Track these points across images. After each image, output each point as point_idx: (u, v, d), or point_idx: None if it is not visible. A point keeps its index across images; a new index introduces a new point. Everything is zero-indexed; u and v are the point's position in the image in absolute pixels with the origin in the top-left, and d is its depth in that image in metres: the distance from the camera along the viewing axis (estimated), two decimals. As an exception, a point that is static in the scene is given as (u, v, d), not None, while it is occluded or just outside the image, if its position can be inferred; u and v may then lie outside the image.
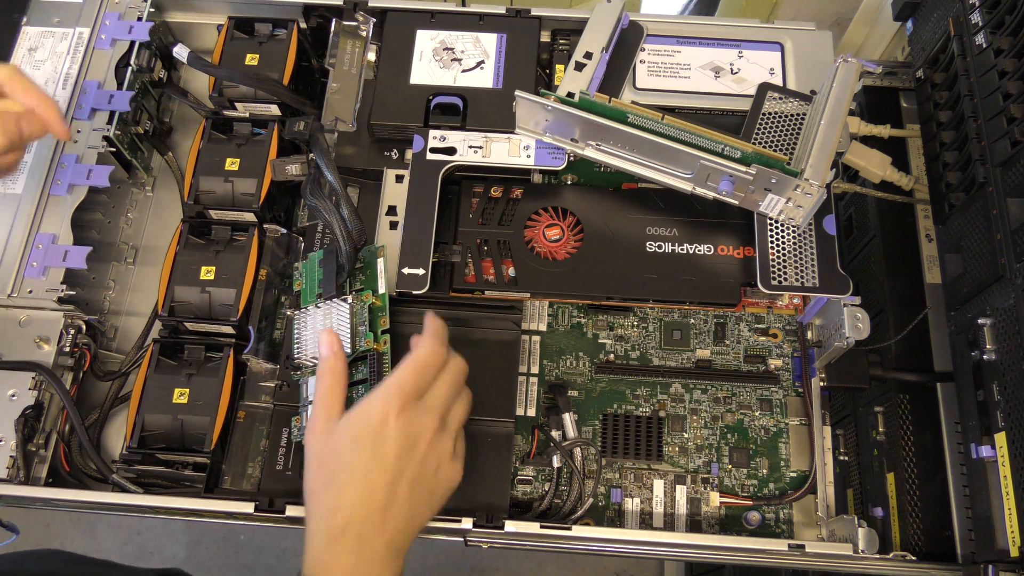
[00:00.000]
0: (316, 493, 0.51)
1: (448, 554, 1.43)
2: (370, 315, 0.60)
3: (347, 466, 0.51)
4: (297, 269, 0.64)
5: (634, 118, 0.60)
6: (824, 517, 0.62)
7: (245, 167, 0.67)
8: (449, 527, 0.58)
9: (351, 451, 0.51)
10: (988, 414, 0.54)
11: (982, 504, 0.54)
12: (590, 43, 0.65)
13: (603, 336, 0.69)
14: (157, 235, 0.75)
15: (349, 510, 0.49)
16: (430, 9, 0.71)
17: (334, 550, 0.49)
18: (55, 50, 0.72)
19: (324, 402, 0.53)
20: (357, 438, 0.51)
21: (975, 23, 0.61)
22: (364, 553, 0.49)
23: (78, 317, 0.66)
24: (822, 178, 0.56)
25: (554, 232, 0.66)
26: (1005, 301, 0.53)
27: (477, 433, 0.62)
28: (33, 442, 0.63)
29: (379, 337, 0.59)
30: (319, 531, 0.50)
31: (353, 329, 0.59)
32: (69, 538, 1.48)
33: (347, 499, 0.50)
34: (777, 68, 0.69)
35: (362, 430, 0.51)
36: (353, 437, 0.51)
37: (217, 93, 0.69)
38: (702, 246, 0.66)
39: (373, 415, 0.52)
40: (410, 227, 0.63)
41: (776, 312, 0.69)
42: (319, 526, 0.50)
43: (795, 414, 0.67)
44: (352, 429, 0.52)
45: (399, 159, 0.68)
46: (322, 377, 0.54)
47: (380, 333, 0.59)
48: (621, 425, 0.65)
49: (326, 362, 0.55)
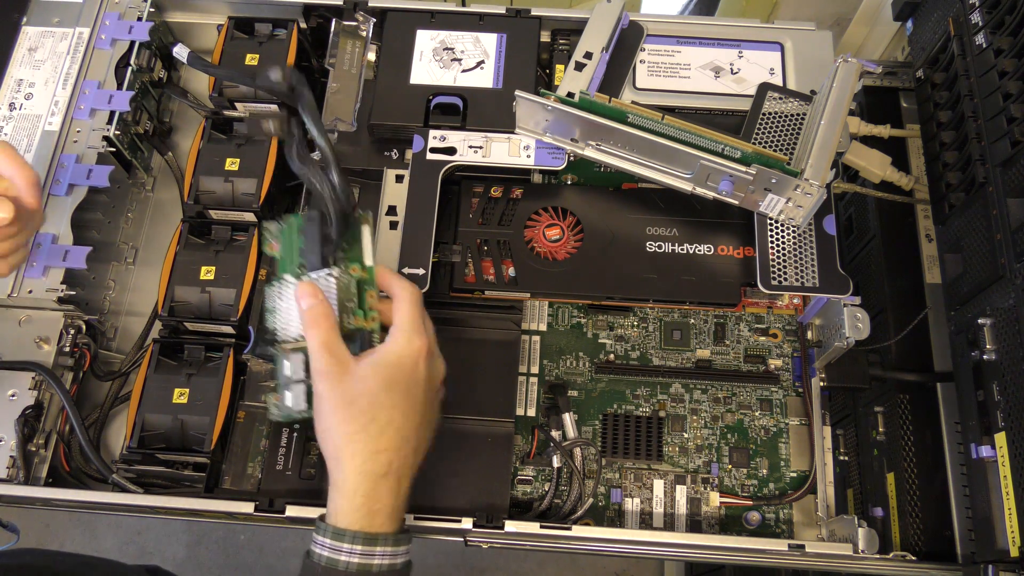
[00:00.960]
0: (353, 435, 0.51)
1: (448, 554, 1.43)
2: (357, 290, 0.57)
3: (386, 409, 0.51)
4: (270, 231, 0.58)
5: (634, 118, 0.60)
6: (824, 517, 0.62)
7: (245, 167, 0.67)
8: (449, 527, 0.59)
9: (387, 393, 0.52)
10: (988, 414, 0.54)
11: (982, 504, 0.54)
12: (590, 43, 0.65)
13: (603, 336, 0.69)
14: (157, 235, 0.75)
15: (390, 453, 0.51)
16: (430, 9, 0.71)
17: (377, 492, 0.51)
18: (55, 50, 0.72)
19: (329, 347, 0.52)
20: (393, 381, 0.52)
21: (975, 23, 0.61)
22: (401, 493, 0.53)
23: (78, 317, 0.66)
24: (822, 178, 0.57)
25: (554, 232, 0.66)
26: (1005, 301, 0.53)
27: (477, 433, 0.62)
28: (33, 442, 0.63)
29: (368, 314, 0.56)
30: (361, 473, 0.51)
31: (341, 306, 0.55)
32: (69, 538, 1.48)
33: (388, 442, 0.51)
34: (777, 68, 0.69)
35: (397, 373, 0.52)
36: (388, 380, 0.52)
37: (217, 93, 0.69)
38: (702, 246, 0.66)
39: (406, 359, 0.53)
40: (410, 227, 0.63)
41: (776, 312, 0.69)
42: (360, 468, 0.51)
43: (795, 414, 0.67)
44: (386, 372, 0.52)
45: (399, 159, 0.68)
46: (316, 323, 0.52)
47: (368, 310, 0.56)
48: (621, 425, 0.65)
49: (315, 309, 0.53)
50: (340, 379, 0.51)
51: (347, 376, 0.51)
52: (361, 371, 0.52)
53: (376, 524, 0.51)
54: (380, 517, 0.51)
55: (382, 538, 0.50)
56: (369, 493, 0.51)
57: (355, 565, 0.49)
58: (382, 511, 0.51)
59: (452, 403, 0.62)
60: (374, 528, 0.50)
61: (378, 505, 0.51)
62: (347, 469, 0.51)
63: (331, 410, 0.51)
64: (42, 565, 0.61)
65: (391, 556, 0.51)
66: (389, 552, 0.51)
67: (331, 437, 0.52)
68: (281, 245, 0.58)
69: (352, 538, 0.50)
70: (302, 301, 0.53)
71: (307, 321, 0.53)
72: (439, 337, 0.60)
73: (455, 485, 0.61)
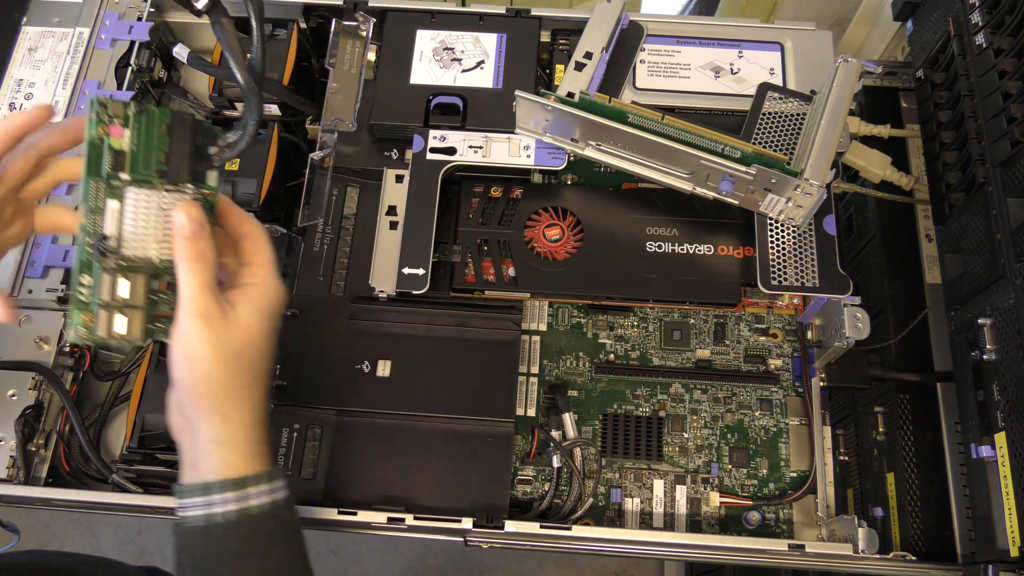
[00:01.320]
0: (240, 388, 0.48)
1: (448, 554, 1.43)
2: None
3: (268, 357, 0.50)
4: (113, 110, 0.46)
5: (634, 118, 0.60)
6: (824, 517, 0.62)
7: (245, 167, 0.67)
8: (449, 527, 0.58)
9: (268, 342, 0.49)
10: (988, 414, 0.54)
11: (982, 504, 0.54)
12: (590, 43, 0.65)
13: (603, 336, 0.69)
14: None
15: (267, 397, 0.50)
16: (430, 9, 0.71)
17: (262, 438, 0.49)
18: (55, 50, 0.72)
19: (210, 288, 0.47)
20: (272, 328, 0.50)
21: (975, 23, 0.61)
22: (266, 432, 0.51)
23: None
24: (822, 178, 0.56)
25: (554, 232, 0.66)
26: (1005, 301, 0.53)
27: (477, 433, 0.62)
28: (33, 442, 0.63)
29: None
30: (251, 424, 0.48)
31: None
32: (69, 538, 1.48)
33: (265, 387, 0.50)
34: (777, 68, 0.69)
35: (274, 320, 0.50)
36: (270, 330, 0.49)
37: (217, 93, 0.69)
38: (702, 246, 0.66)
39: (277, 305, 0.50)
40: (410, 227, 0.63)
41: (776, 312, 0.69)
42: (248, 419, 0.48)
43: (795, 414, 0.67)
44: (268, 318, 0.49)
45: (399, 159, 0.68)
46: (201, 258, 0.46)
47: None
48: (621, 425, 0.65)
49: (201, 242, 0.46)
50: (225, 327, 0.47)
51: (231, 324, 0.47)
52: (244, 319, 0.48)
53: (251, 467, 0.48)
54: (257, 461, 0.49)
55: (253, 479, 0.48)
56: (259, 441, 0.49)
57: (232, 513, 0.47)
58: (257, 455, 0.49)
59: (453, 403, 0.62)
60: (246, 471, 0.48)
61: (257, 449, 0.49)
62: (234, 422, 0.48)
63: (216, 360, 0.47)
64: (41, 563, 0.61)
65: (269, 493, 0.48)
66: (266, 489, 0.48)
67: (213, 390, 0.47)
68: (134, 137, 0.46)
69: (220, 488, 0.47)
70: (185, 226, 0.46)
71: (190, 254, 0.46)
72: (438, 336, 0.60)
73: (455, 485, 0.61)
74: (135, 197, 0.46)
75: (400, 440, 0.62)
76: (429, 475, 0.61)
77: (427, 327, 0.65)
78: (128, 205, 0.46)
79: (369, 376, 0.63)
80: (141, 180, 0.46)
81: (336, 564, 1.44)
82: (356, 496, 0.60)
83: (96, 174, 0.45)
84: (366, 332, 0.65)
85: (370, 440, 0.62)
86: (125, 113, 0.46)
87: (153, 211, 0.47)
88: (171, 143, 0.47)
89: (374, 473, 0.61)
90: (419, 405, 0.62)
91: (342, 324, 0.65)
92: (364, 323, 0.65)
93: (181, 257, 0.46)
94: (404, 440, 0.62)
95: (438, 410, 0.62)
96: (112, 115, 0.46)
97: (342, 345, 0.64)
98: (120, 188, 0.46)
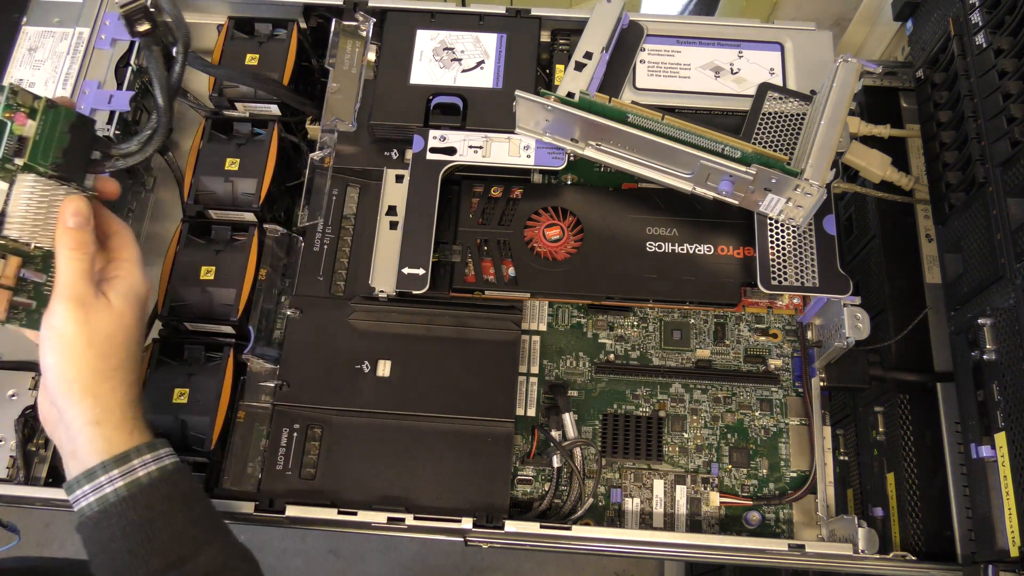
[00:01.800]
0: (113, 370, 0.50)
1: (448, 554, 1.43)
2: None
3: (138, 340, 0.53)
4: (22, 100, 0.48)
5: (634, 118, 0.60)
6: (824, 517, 0.62)
7: (245, 167, 0.67)
8: (449, 527, 0.59)
9: (139, 326, 0.53)
10: (988, 414, 0.54)
11: (982, 504, 0.54)
12: (590, 43, 0.65)
13: (603, 336, 0.69)
14: (157, 235, 0.75)
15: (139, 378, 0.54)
16: (430, 9, 0.71)
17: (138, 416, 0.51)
18: (55, 50, 0.72)
19: (87, 276, 0.50)
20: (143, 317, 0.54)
21: (975, 23, 0.61)
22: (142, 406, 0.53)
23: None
24: (822, 178, 0.56)
25: (554, 232, 0.66)
26: (1005, 301, 0.53)
27: (477, 433, 0.62)
28: (33, 442, 0.63)
29: None
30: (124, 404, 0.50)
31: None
32: (69, 538, 1.48)
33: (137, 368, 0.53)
34: (777, 68, 0.69)
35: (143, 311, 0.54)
36: (141, 316, 0.53)
37: (217, 93, 0.69)
38: (702, 246, 0.66)
39: (145, 294, 0.54)
40: (410, 227, 0.63)
41: (776, 312, 0.69)
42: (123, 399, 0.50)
43: (795, 414, 0.67)
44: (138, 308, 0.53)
45: (399, 159, 0.68)
46: (82, 248, 0.50)
47: None
48: (621, 425, 0.65)
49: (84, 234, 0.50)
50: (97, 311, 0.50)
51: (103, 309, 0.50)
52: (116, 305, 0.51)
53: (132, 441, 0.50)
54: (137, 434, 0.50)
55: (135, 451, 0.49)
56: (136, 417, 0.51)
57: (122, 488, 0.48)
58: (136, 430, 0.50)
59: (453, 403, 0.62)
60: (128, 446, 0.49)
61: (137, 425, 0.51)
62: (109, 402, 0.49)
63: (87, 344, 0.49)
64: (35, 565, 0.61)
65: (155, 461, 0.49)
66: (150, 459, 0.49)
67: (84, 374, 0.49)
68: (39, 128, 0.49)
69: (104, 468, 0.48)
70: (71, 218, 0.50)
71: (72, 243, 0.49)
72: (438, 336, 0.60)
73: (455, 485, 0.61)
74: (25, 183, 0.49)
75: (400, 440, 0.62)
76: (429, 475, 0.61)
77: (427, 327, 0.65)
78: (17, 189, 0.48)
79: (369, 376, 0.63)
80: (35, 168, 0.49)
81: (336, 564, 1.44)
82: (356, 496, 0.60)
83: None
84: (366, 332, 0.65)
85: (371, 440, 0.62)
86: (33, 105, 0.49)
87: (37, 199, 0.49)
88: (71, 141, 0.50)
89: (374, 473, 0.61)
90: (419, 405, 0.62)
91: (342, 324, 0.65)
92: (364, 323, 0.65)
93: (63, 245, 0.49)
94: (404, 440, 0.62)
95: (438, 410, 0.62)
96: (20, 103, 0.48)
97: (342, 345, 0.64)
98: (13, 172, 0.48)
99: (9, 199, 0.48)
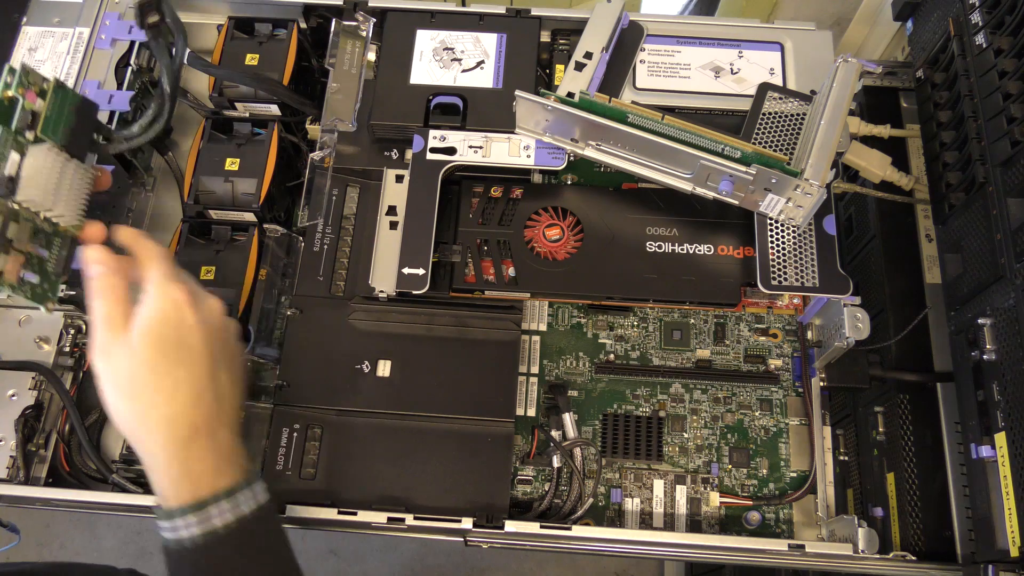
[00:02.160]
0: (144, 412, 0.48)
1: (448, 554, 1.43)
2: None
3: (167, 372, 0.49)
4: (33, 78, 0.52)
5: (634, 118, 0.60)
6: (824, 517, 0.62)
7: (245, 167, 0.67)
8: (449, 527, 0.59)
9: (162, 356, 0.49)
10: (988, 414, 0.54)
11: (982, 504, 0.54)
12: (590, 43, 0.65)
13: (603, 336, 0.69)
14: (157, 235, 0.74)
15: (190, 413, 0.48)
16: (430, 9, 0.71)
17: (191, 456, 0.48)
18: (55, 50, 0.72)
19: (111, 318, 0.49)
20: (164, 339, 0.49)
21: (975, 23, 0.61)
22: (218, 447, 0.49)
23: (78, 317, 0.66)
24: (822, 178, 0.56)
25: (554, 232, 0.66)
26: (1005, 301, 0.53)
27: (477, 433, 0.62)
28: (33, 442, 0.63)
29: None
30: (167, 444, 0.48)
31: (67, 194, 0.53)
32: (69, 538, 1.48)
33: (182, 403, 0.49)
34: (777, 68, 0.69)
35: (165, 330, 0.49)
36: (159, 340, 0.49)
37: (217, 93, 0.69)
38: (702, 246, 0.66)
39: (169, 313, 0.49)
40: (410, 227, 0.63)
41: (776, 312, 0.69)
42: (164, 440, 0.48)
43: (795, 414, 0.67)
44: (153, 331, 0.49)
45: (399, 159, 0.68)
46: (101, 295, 0.50)
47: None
48: (621, 425, 0.65)
49: (102, 279, 0.50)
50: (115, 354, 0.49)
51: (120, 350, 0.49)
52: (132, 340, 0.49)
53: (203, 487, 0.48)
54: (206, 478, 0.48)
55: (212, 498, 0.47)
56: (184, 460, 0.48)
57: (198, 536, 0.47)
58: (205, 472, 0.48)
59: (453, 403, 0.62)
60: (202, 492, 0.47)
61: (198, 467, 0.48)
62: (152, 445, 0.48)
63: (114, 390, 0.49)
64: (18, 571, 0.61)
65: (232, 509, 0.48)
66: (228, 507, 0.48)
67: (124, 419, 0.49)
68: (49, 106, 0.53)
69: (181, 513, 0.47)
70: (89, 267, 0.50)
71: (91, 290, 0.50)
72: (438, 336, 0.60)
73: (455, 485, 0.61)
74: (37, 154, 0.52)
75: (400, 440, 0.62)
76: (429, 475, 0.61)
77: (427, 327, 0.65)
78: (29, 160, 0.51)
79: (369, 376, 0.63)
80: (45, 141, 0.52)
81: (336, 564, 1.44)
82: (356, 496, 0.60)
83: (6, 125, 0.51)
84: (366, 332, 0.65)
85: (370, 440, 0.62)
86: (43, 86, 0.53)
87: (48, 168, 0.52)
88: (76, 122, 0.54)
89: (374, 473, 0.61)
90: (419, 405, 0.62)
91: (342, 324, 0.65)
92: (364, 323, 0.65)
93: (88, 294, 0.50)
94: (404, 440, 0.62)
95: (438, 410, 0.62)
96: (31, 82, 0.52)
97: (342, 345, 0.64)
98: (24, 144, 0.51)
99: (22, 167, 0.51)
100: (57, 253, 0.54)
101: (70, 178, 0.53)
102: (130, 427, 0.49)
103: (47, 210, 0.52)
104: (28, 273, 0.52)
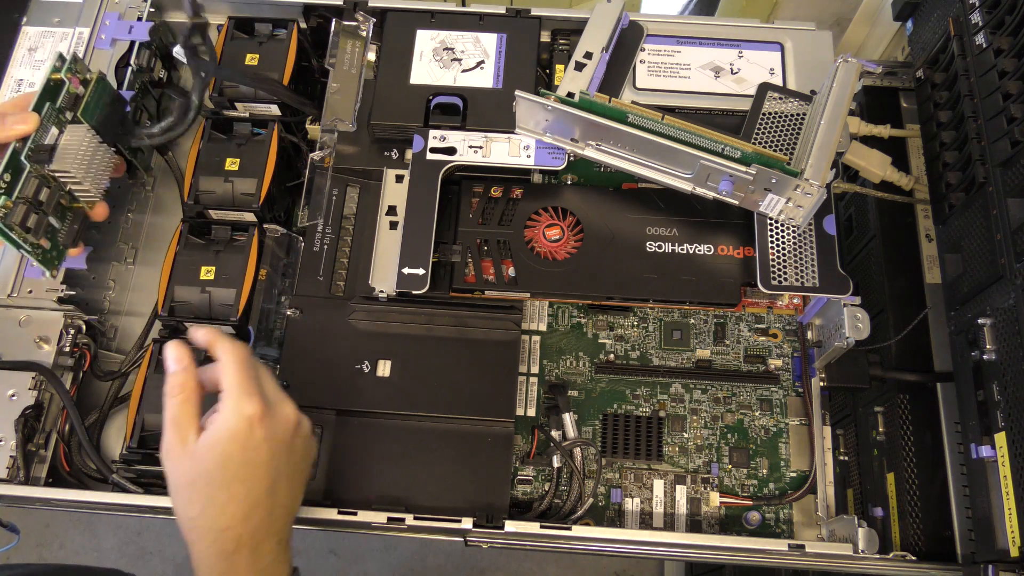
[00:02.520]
0: (196, 519, 0.50)
1: (448, 554, 1.44)
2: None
3: (224, 486, 0.49)
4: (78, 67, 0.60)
5: (634, 118, 0.60)
6: (824, 517, 0.62)
7: (245, 167, 0.67)
8: (449, 527, 0.58)
9: (223, 471, 0.49)
10: (988, 414, 0.54)
11: (982, 504, 0.54)
12: (590, 43, 0.65)
13: (603, 336, 0.69)
14: (157, 235, 0.75)
15: (238, 528, 0.49)
16: (430, 9, 0.71)
17: (232, 569, 0.49)
18: (55, 50, 0.72)
19: (178, 421, 0.50)
20: (228, 455, 0.49)
21: (975, 23, 0.61)
22: (261, 559, 0.50)
23: (78, 317, 0.66)
24: (822, 178, 0.56)
25: (554, 232, 0.66)
26: (1005, 301, 0.53)
27: (477, 433, 0.62)
28: (33, 442, 0.63)
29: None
30: (210, 555, 0.49)
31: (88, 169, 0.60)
32: (69, 538, 1.48)
33: (232, 517, 0.49)
34: (777, 68, 0.69)
35: (231, 446, 0.50)
36: (223, 455, 0.49)
37: (217, 93, 0.69)
38: (702, 246, 0.66)
39: (238, 428, 0.50)
40: (410, 227, 0.63)
41: (776, 312, 0.69)
42: (208, 549, 0.49)
43: (795, 414, 0.67)
44: (219, 447, 0.49)
45: (399, 159, 0.68)
46: (173, 393, 0.51)
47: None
48: (621, 425, 0.65)
49: (176, 377, 0.51)
50: (179, 459, 0.50)
51: (185, 456, 0.50)
52: (199, 450, 0.50)
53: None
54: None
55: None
56: (225, 571, 0.49)
57: None
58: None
59: (453, 403, 0.62)
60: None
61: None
62: (198, 551, 0.50)
63: (174, 492, 0.51)
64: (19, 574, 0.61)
65: None
66: None
67: (179, 519, 0.51)
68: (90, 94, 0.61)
69: None
70: (169, 362, 0.52)
71: (167, 388, 0.51)
72: (438, 336, 0.60)
73: (455, 485, 0.61)
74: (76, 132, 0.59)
75: (400, 440, 0.62)
76: (429, 475, 0.61)
77: (427, 327, 0.65)
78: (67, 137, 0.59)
79: (369, 376, 0.63)
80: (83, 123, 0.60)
81: (336, 564, 1.44)
82: (356, 496, 0.60)
83: (52, 101, 0.59)
84: (366, 332, 0.65)
85: (370, 440, 0.62)
86: (86, 76, 0.61)
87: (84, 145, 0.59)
88: (108, 112, 0.63)
89: (374, 473, 0.61)
90: (419, 405, 0.62)
91: (342, 324, 0.65)
92: (364, 323, 0.65)
93: (165, 390, 0.51)
94: (404, 440, 0.62)
95: (438, 410, 0.62)
96: (78, 71, 0.60)
97: (342, 345, 0.64)
98: (64, 123, 0.59)
99: (59, 141, 0.59)
100: (68, 226, 0.61)
101: (99, 159, 0.61)
102: (183, 528, 0.51)
103: (76, 184, 0.59)
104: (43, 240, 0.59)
